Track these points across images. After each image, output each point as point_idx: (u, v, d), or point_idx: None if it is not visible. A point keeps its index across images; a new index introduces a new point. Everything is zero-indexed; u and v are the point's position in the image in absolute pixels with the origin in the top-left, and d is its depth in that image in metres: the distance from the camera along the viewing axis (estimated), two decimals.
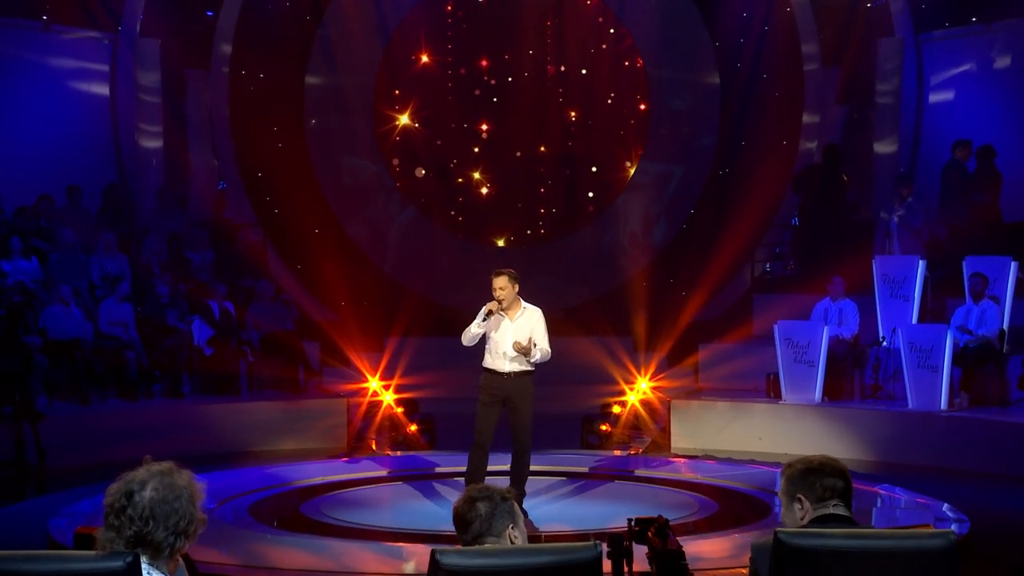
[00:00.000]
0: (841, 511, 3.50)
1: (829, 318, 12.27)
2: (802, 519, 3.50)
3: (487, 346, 8.50)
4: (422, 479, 10.24)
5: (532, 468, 8.65)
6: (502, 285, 8.33)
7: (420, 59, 15.07)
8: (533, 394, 8.44)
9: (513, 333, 8.36)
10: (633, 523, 3.80)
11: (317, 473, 10.49)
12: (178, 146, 14.98)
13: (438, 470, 10.47)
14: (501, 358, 8.40)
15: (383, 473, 10.62)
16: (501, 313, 8.37)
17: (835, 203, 14.20)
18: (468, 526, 3.47)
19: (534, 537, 6.89)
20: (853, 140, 14.95)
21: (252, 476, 10.27)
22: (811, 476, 3.53)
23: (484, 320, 8.32)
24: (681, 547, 3.69)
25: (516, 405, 8.39)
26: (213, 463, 10.32)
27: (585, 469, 10.64)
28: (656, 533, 3.72)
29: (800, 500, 3.51)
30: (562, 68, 15.20)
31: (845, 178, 14.25)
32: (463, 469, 8.54)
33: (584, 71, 15.21)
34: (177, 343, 12.33)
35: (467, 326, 8.43)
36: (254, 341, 12.89)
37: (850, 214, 14.31)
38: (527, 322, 8.42)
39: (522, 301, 8.46)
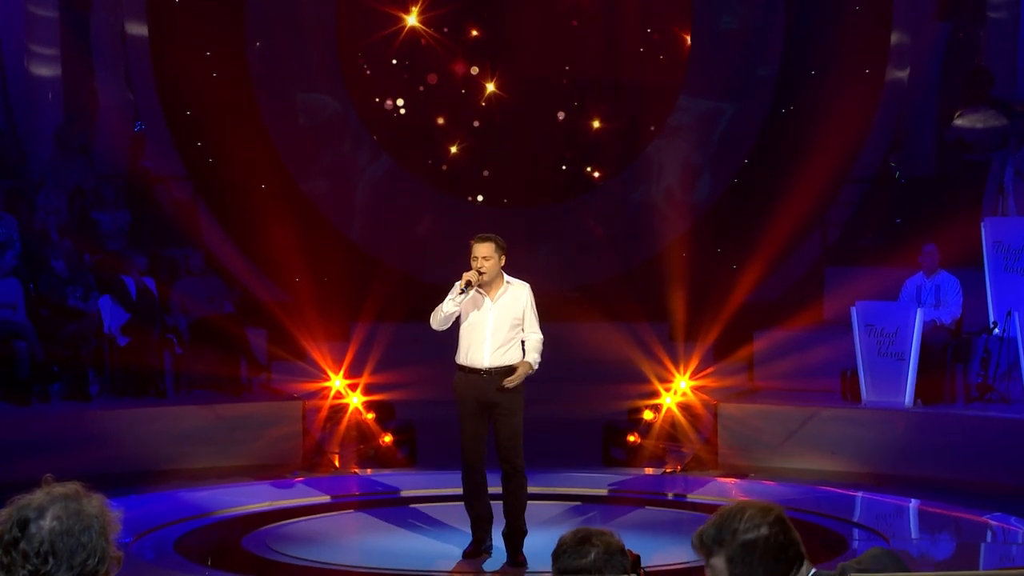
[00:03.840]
0: None
1: (923, 298, 12.28)
2: None
3: (460, 335, 8.45)
4: (398, 505, 10.29)
5: (541, 491, 8.65)
6: (486, 254, 8.29)
7: None
8: (525, 397, 8.39)
9: (495, 315, 8.36)
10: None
11: (263, 497, 10.56)
12: (81, 75, 14.93)
13: (418, 493, 10.50)
14: (479, 350, 8.35)
15: (348, 497, 10.64)
16: (480, 291, 8.33)
17: (935, 148, 14.17)
18: (574, 571, 3.53)
19: None
20: (956, 67, 14.90)
21: (179, 501, 10.33)
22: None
23: (461, 295, 8.23)
24: None
25: (501, 412, 8.34)
26: (130, 485, 10.40)
27: (607, 492, 10.68)
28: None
29: None
30: None
31: (949, 114, 14.21)
32: (450, 492, 8.59)
33: None
34: (81, 330, 12.34)
35: (437, 305, 8.33)
36: (182, 328, 12.92)
37: (954, 163, 14.29)
38: (512, 302, 8.40)
39: (505, 276, 8.45)
